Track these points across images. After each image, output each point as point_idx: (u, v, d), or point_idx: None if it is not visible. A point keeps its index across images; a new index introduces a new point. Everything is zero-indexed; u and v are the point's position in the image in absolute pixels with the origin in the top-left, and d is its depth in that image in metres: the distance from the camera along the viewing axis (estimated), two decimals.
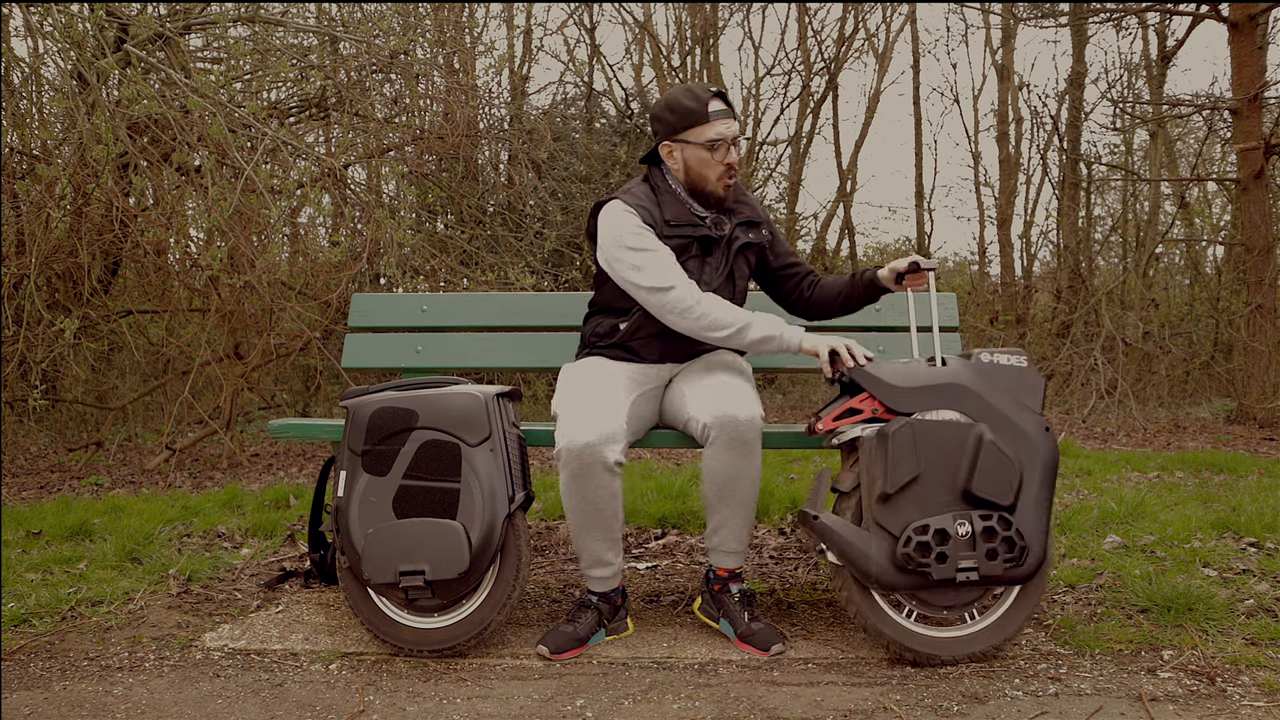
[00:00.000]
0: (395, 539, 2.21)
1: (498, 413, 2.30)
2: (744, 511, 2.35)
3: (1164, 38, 10.46)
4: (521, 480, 2.31)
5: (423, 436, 2.27)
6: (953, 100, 17.23)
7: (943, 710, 1.92)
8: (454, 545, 2.19)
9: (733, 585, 2.40)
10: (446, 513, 2.22)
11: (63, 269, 5.64)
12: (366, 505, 2.25)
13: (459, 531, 2.19)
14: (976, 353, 2.26)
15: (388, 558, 2.20)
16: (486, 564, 2.22)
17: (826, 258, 12.27)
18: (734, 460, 2.28)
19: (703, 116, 2.38)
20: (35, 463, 5.74)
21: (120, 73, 4.88)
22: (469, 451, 2.25)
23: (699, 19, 11.24)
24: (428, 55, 6.72)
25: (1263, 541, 3.12)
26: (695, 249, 2.47)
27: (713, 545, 2.39)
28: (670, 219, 2.45)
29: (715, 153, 2.40)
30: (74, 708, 1.98)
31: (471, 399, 2.30)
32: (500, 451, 2.27)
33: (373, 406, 2.31)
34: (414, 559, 2.19)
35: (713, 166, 2.42)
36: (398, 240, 5.35)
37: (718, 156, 2.41)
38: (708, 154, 2.40)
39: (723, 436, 2.27)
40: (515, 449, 2.32)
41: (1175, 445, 6.30)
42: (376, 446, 2.28)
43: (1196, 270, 11.10)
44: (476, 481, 2.23)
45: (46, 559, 3.14)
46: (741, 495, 2.32)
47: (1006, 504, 2.12)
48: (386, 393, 2.34)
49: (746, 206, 2.56)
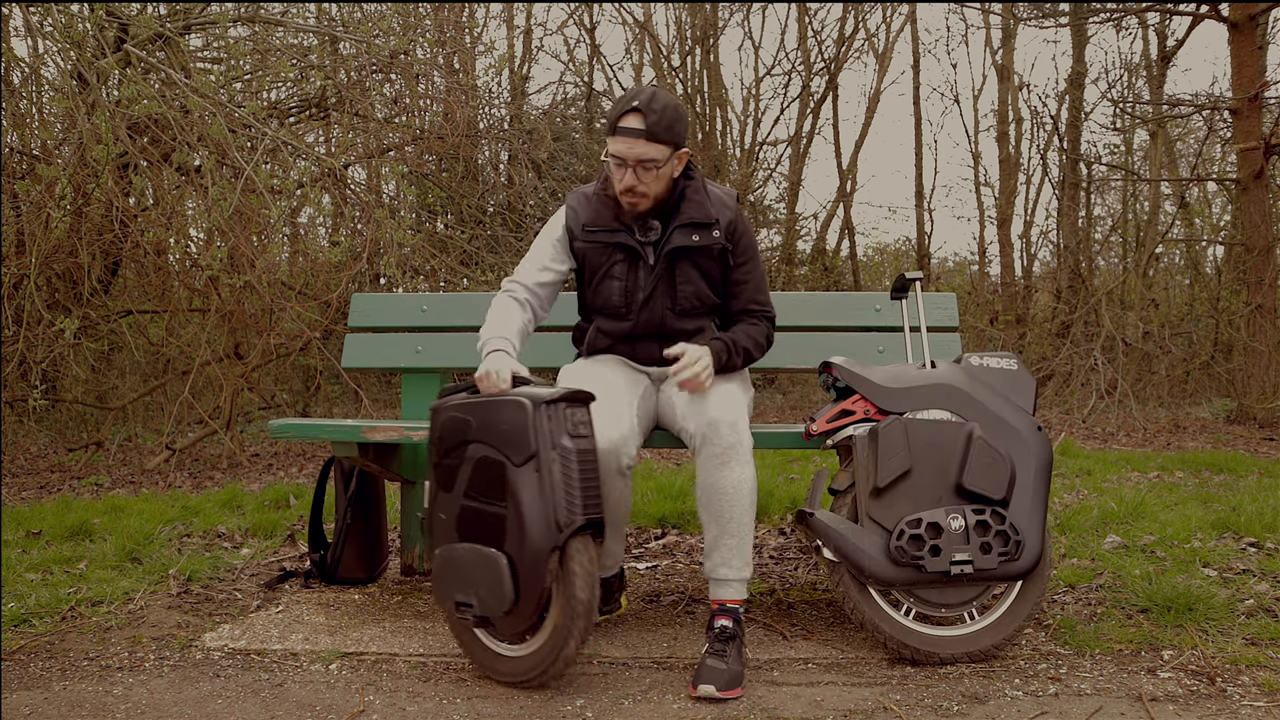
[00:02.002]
0: (453, 564, 2.06)
1: (545, 425, 1.99)
2: (735, 529, 2.17)
3: (1164, 38, 10.47)
4: (580, 502, 1.99)
5: (476, 452, 2.06)
6: (953, 100, 17.23)
7: (943, 710, 1.92)
8: (496, 579, 1.98)
9: (717, 620, 2.16)
10: (495, 540, 2.01)
11: (63, 269, 5.64)
12: (439, 523, 2.12)
13: (501, 564, 1.98)
14: (967, 356, 2.32)
15: (448, 583, 2.07)
16: (536, 601, 1.97)
17: (826, 258, 12.27)
18: (720, 470, 2.16)
19: (610, 128, 2.26)
20: (35, 463, 5.74)
21: (120, 73, 4.88)
22: (513, 472, 1.99)
23: (699, 19, 11.25)
24: (428, 55, 6.72)
25: (1263, 541, 3.12)
26: (620, 255, 2.36)
27: (707, 570, 2.22)
28: (587, 223, 2.37)
29: (611, 168, 2.28)
30: (74, 708, 1.98)
31: (516, 410, 2.01)
32: (547, 472, 1.97)
33: (443, 414, 2.13)
34: (466, 589, 2.04)
35: (614, 181, 2.30)
36: (398, 240, 5.35)
37: (614, 174, 2.28)
38: (612, 166, 2.28)
39: (708, 446, 2.17)
40: (575, 466, 2.00)
41: (1175, 445, 6.30)
42: (444, 460, 2.11)
43: (1196, 270, 11.11)
44: (519, 507, 1.98)
45: (46, 559, 3.14)
46: (730, 510, 2.16)
47: (999, 498, 2.15)
48: (460, 395, 2.15)
49: (694, 206, 2.34)
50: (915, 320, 2.67)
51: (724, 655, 2.06)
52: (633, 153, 2.22)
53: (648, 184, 2.27)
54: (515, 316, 2.35)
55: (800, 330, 2.88)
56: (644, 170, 2.24)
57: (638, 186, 2.26)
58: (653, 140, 2.22)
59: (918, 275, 2.48)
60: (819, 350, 2.82)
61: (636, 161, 2.23)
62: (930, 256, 12.79)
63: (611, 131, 2.26)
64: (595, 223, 2.36)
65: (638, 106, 2.21)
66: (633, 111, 2.22)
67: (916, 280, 2.48)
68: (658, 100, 2.23)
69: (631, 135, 2.22)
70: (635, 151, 2.22)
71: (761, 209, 11.26)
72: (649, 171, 2.25)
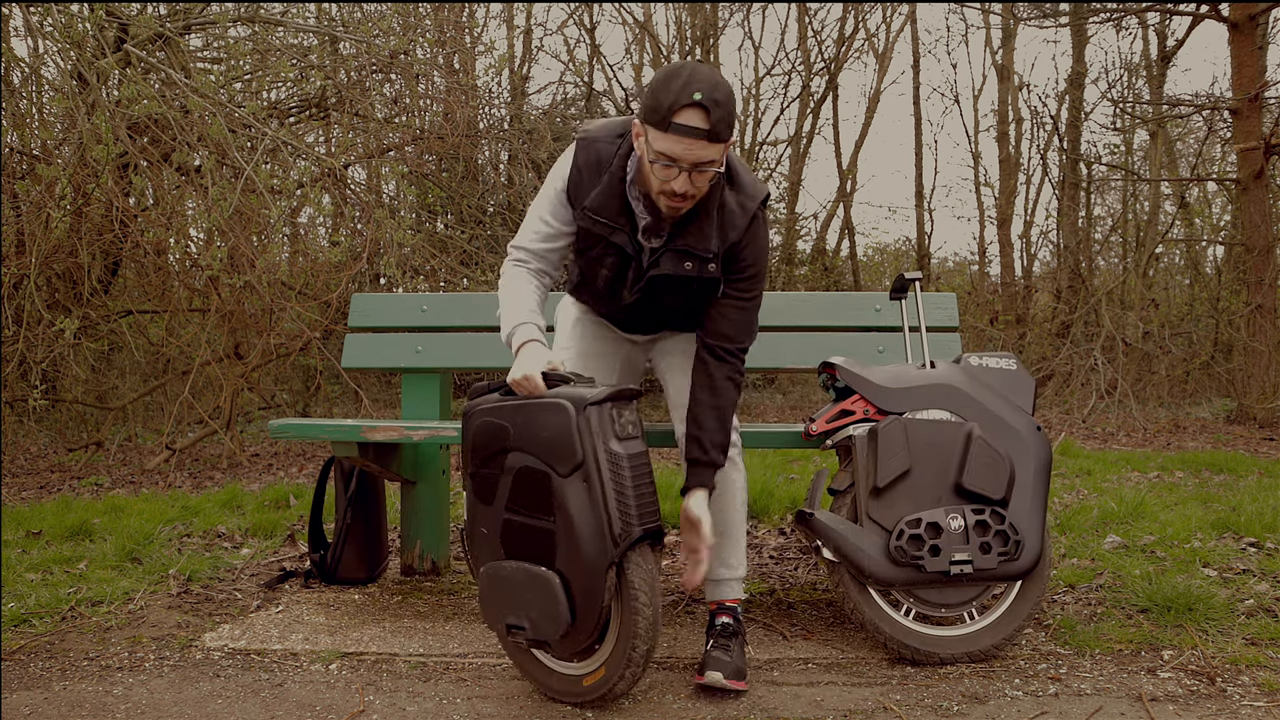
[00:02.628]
0: (502, 583, 1.92)
1: (589, 431, 1.83)
2: (727, 529, 2.15)
3: (1164, 38, 10.47)
4: (636, 512, 1.85)
5: (517, 461, 1.89)
6: (953, 100, 17.26)
7: (943, 710, 1.92)
8: (549, 600, 1.84)
9: (718, 618, 2.16)
10: (544, 558, 1.87)
11: (63, 269, 5.64)
12: (479, 537, 1.98)
13: (554, 584, 1.84)
14: (966, 356, 2.31)
15: (497, 605, 1.94)
16: (594, 621, 1.84)
17: (826, 258, 12.27)
18: None
19: (663, 121, 1.84)
20: (35, 463, 5.74)
21: (120, 73, 4.88)
22: (559, 483, 1.83)
23: (699, 19, 11.24)
24: (428, 55, 6.72)
25: (1263, 541, 3.12)
26: (612, 250, 2.08)
27: None
28: (589, 207, 2.04)
29: (656, 168, 1.90)
30: (74, 708, 1.98)
31: (559, 414, 1.83)
32: (597, 481, 1.82)
33: (476, 420, 1.97)
34: (517, 611, 1.90)
35: (654, 179, 1.93)
36: (398, 240, 5.36)
37: (658, 174, 1.90)
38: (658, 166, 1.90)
39: None
40: (627, 472, 1.85)
41: (1175, 445, 6.30)
42: (481, 470, 1.97)
43: (1196, 270, 11.11)
44: (570, 521, 1.83)
45: (46, 559, 3.14)
46: (721, 511, 2.12)
47: (999, 498, 2.15)
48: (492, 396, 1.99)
49: (696, 231, 2.01)
50: (915, 320, 2.67)
51: (728, 649, 2.07)
52: (691, 155, 1.85)
53: (701, 187, 1.93)
54: (533, 293, 2.10)
55: (800, 330, 2.88)
56: (700, 174, 1.89)
57: (690, 191, 1.91)
58: (715, 141, 1.86)
59: (917, 275, 2.49)
60: (819, 350, 2.82)
61: (693, 165, 1.87)
62: (930, 256, 12.80)
63: (663, 126, 1.84)
64: (598, 211, 2.03)
65: (700, 101, 1.81)
66: (694, 107, 1.82)
67: (916, 280, 2.49)
68: (720, 90, 1.83)
69: (692, 135, 1.83)
70: (694, 154, 1.85)
71: None
72: (704, 174, 1.90)
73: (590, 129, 2.07)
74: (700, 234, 2.01)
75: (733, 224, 2.03)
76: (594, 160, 2.04)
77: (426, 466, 2.94)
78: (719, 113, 1.83)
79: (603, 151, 2.04)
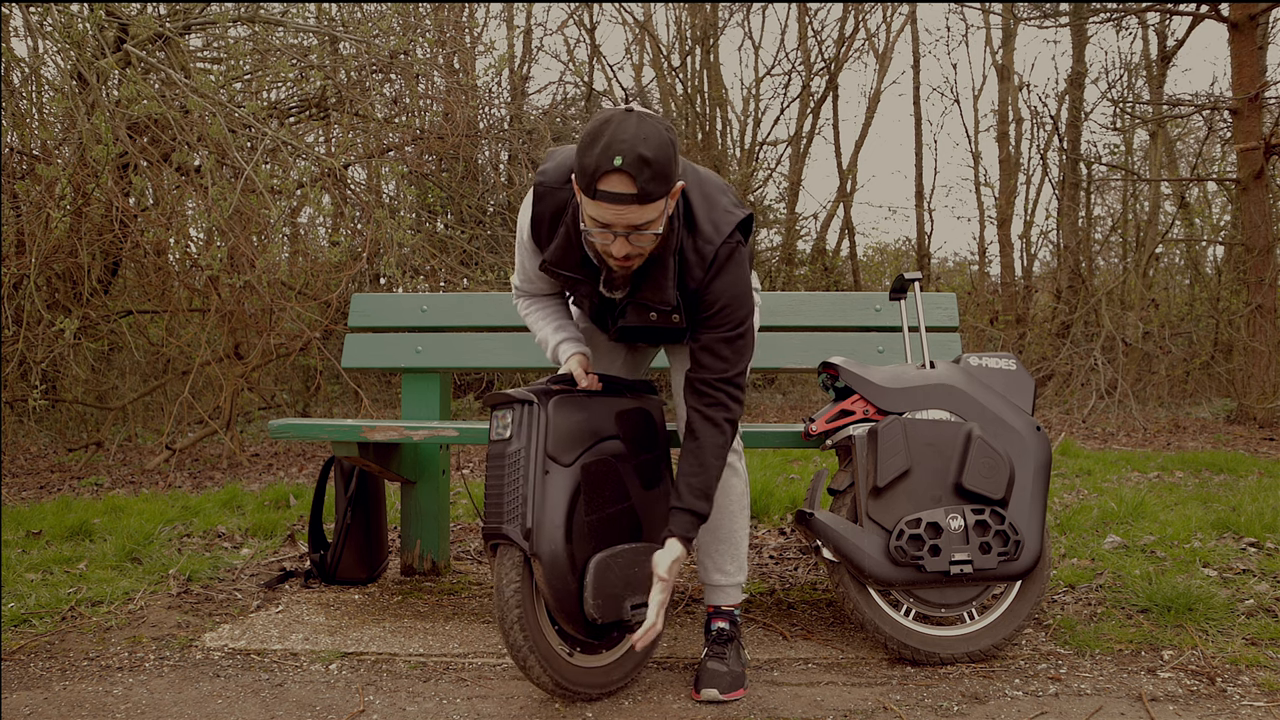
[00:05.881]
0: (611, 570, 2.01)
1: None
2: (726, 534, 2.14)
3: (1164, 38, 10.47)
4: None
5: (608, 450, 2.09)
6: (953, 100, 17.28)
7: (943, 710, 1.92)
8: None
9: (714, 623, 2.14)
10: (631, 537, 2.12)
11: (63, 269, 5.64)
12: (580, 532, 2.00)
13: None
14: (966, 356, 2.32)
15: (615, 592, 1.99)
16: None
17: (826, 257, 12.27)
18: None
19: (589, 189, 1.75)
20: (35, 463, 5.74)
21: (120, 73, 4.89)
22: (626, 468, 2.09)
23: (699, 19, 11.25)
24: (428, 55, 6.72)
25: (1263, 541, 3.12)
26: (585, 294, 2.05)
27: (701, 575, 2.20)
28: (550, 260, 1.99)
29: (597, 234, 1.80)
30: (74, 708, 1.98)
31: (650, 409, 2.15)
32: None
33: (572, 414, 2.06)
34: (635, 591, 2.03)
35: (597, 244, 1.84)
36: (398, 240, 5.36)
37: (597, 239, 1.82)
38: (593, 230, 1.81)
39: None
40: None
41: (1175, 445, 6.30)
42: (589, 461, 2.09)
43: (1196, 270, 11.12)
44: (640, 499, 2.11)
45: (46, 559, 3.14)
46: (720, 515, 2.13)
47: (998, 498, 2.15)
48: None
49: (652, 285, 1.92)
50: (915, 320, 2.67)
51: (723, 658, 2.06)
52: (622, 220, 1.76)
53: (644, 245, 1.83)
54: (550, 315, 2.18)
55: (800, 330, 2.88)
56: (639, 236, 1.79)
57: (631, 252, 1.82)
58: (646, 202, 1.74)
59: (916, 276, 2.48)
60: (819, 350, 2.82)
61: (628, 230, 1.78)
62: (930, 256, 12.80)
63: (590, 193, 1.75)
64: (558, 264, 1.98)
65: (622, 167, 1.69)
66: (616, 173, 1.71)
67: (915, 281, 2.49)
68: (647, 144, 1.70)
69: (619, 202, 1.73)
70: (626, 219, 1.75)
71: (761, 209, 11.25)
72: (645, 234, 1.80)
73: (546, 172, 1.97)
74: (657, 288, 1.92)
75: (691, 274, 1.93)
76: (550, 210, 1.97)
77: (426, 466, 2.94)
78: (647, 173, 1.70)
79: (558, 199, 1.96)
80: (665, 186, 1.76)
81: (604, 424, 2.03)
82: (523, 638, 1.88)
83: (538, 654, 1.89)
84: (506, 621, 1.88)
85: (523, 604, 1.89)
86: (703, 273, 1.92)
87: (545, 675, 1.90)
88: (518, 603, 1.88)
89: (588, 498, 1.95)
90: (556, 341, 2.15)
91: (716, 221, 1.93)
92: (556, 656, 1.93)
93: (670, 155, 1.75)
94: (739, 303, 1.96)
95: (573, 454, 1.96)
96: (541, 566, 1.87)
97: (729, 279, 1.94)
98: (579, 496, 1.94)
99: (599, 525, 1.97)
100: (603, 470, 2.00)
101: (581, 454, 1.97)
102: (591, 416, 2.01)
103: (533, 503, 1.89)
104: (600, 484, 1.98)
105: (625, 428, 2.07)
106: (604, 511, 1.98)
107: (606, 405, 2.05)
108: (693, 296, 1.96)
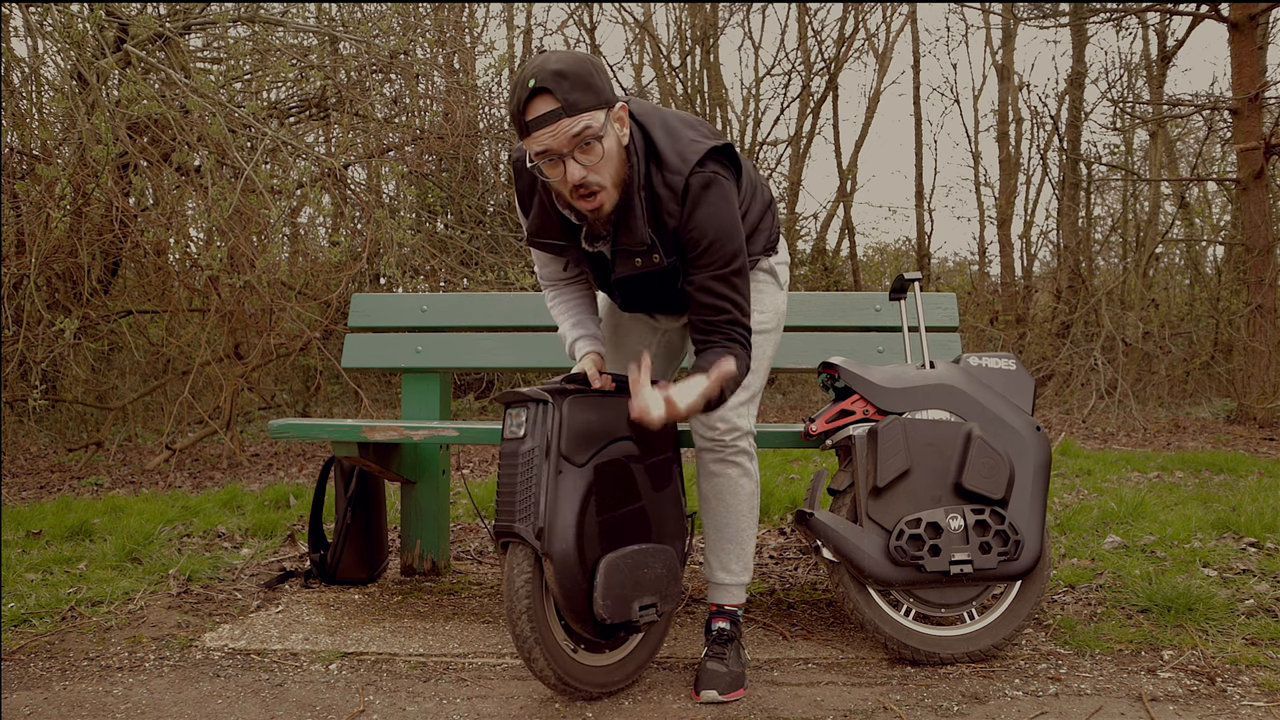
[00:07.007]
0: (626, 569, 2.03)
1: None
2: (732, 533, 2.14)
3: (1164, 38, 10.47)
4: None
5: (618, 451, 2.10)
6: (953, 100, 17.27)
7: (943, 710, 1.92)
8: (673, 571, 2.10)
9: (715, 623, 2.14)
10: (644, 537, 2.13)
11: (63, 269, 5.64)
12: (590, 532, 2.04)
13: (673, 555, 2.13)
14: (965, 356, 2.32)
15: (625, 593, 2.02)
16: None
17: (826, 258, 12.27)
18: (718, 473, 2.13)
19: (521, 127, 1.76)
20: (35, 463, 5.74)
21: (120, 73, 4.89)
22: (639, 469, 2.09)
23: (699, 19, 11.25)
24: (428, 55, 6.72)
25: (1263, 541, 3.12)
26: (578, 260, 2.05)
27: (705, 573, 2.21)
28: (532, 231, 2.02)
29: (548, 173, 1.81)
30: (74, 708, 1.98)
31: None
32: None
33: None
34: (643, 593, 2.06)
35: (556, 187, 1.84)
36: (398, 240, 5.36)
37: (553, 178, 1.81)
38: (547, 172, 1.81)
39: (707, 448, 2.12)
40: None
41: (1175, 445, 6.30)
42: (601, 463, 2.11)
43: (1196, 270, 11.12)
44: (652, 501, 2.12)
45: (46, 559, 3.14)
46: (727, 514, 2.14)
47: (998, 498, 2.15)
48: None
49: (626, 232, 1.89)
50: (915, 320, 2.67)
51: (723, 658, 2.06)
52: (559, 140, 1.73)
53: (600, 168, 1.79)
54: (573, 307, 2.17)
55: (800, 330, 2.88)
56: (586, 151, 1.76)
57: (590, 177, 1.78)
58: (575, 113, 1.73)
59: (916, 276, 2.48)
60: (819, 350, 2.82)
61: (571, 147, 1.74)
62: (930, 256, 12.80)
63: (524, 131, 1.76)
64: (540, 234, 2.01)
65: (537, 87, 1.71)
66: (535, 95, 1.72)
67: (915, 281, 2.49)
68: (560, 61, 1.73)
69: (548, 122, 1.72)
70: (561, 137, 1.73)
71: None
72: (592, 150, 1.76)
73: (519, 148, 1.97)
74: (630, 229, 1.88)
75: (666, 209, 1.87)
76: (525, 186, 2.01)
77: (426, 466, 2.95)
78: (565, 85, 1.71)
79: (527, 173, 1.96)
80: (592, 96, 1.74)
81: (617, 424, 2.02)
82: (529, 629, 1.87)
83: (543, 646, 1.88)
84: (515, 611, 1.88)
85: (532, 595, 1.88)
86: (677, 206, 1.86)
87: (549, 669, 1.89)
88: (527, 594, 1.88)
89: (600, 498, 1.94)
90: (573, 339, 2.14)
91: (682, 151, 1.86)
92: (561, 651, 1.93)
93: (588, 69, 1.74)
94: (727, 236, 1.89)
95: (586, 454, 1.95)
96: (553, 566, 1.87)
97: (709, 211, 1.86)
98: (591, 497, 1.93)
99: (610, 526, 1.96)
100: (615, 471, 1.99)
101: (595, 454, 1.96)
102: (605, 417, 2.00)
103: (545, 502, 1.88)
104: (612, 484, 1.98)
105: (637, 428, 2.05)
106: (615, 512, 1.98)
107: (619, 405, 2.02)
108: (675, 235, 1.90)
